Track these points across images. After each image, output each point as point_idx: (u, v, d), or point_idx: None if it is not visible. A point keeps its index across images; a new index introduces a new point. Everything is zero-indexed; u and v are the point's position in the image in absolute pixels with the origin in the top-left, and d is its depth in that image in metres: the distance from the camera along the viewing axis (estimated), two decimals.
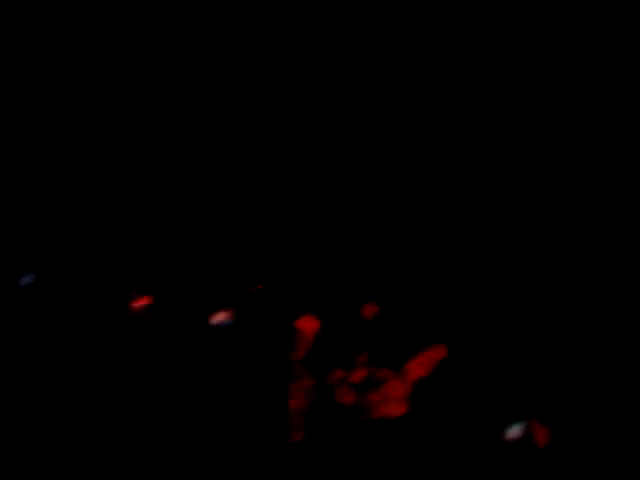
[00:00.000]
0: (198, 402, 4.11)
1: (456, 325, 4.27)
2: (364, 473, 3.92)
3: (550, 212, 4.47)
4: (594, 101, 4.48)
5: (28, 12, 4.79)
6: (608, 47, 4.47)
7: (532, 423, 3.80)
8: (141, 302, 4.31)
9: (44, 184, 4.71)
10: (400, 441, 3.96)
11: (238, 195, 4.66)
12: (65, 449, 4.02)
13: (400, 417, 3.97)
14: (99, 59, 4.80)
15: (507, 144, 4.59)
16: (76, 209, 4.66)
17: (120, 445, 4.01)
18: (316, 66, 4.67)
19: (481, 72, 4.59)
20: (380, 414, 3.98)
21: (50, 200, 4.66)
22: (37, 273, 4.38)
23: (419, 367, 4.01)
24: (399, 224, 4.64)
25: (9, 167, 4.76)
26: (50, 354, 4.30)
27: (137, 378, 4.22)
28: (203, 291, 4.38)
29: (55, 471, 3.98)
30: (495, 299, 4.33)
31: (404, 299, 4.40)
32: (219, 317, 4.23)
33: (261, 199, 4.64)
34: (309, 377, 4.06)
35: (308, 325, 4.17)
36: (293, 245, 4.56)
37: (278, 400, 4.06)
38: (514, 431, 3.75)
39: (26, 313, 4.37)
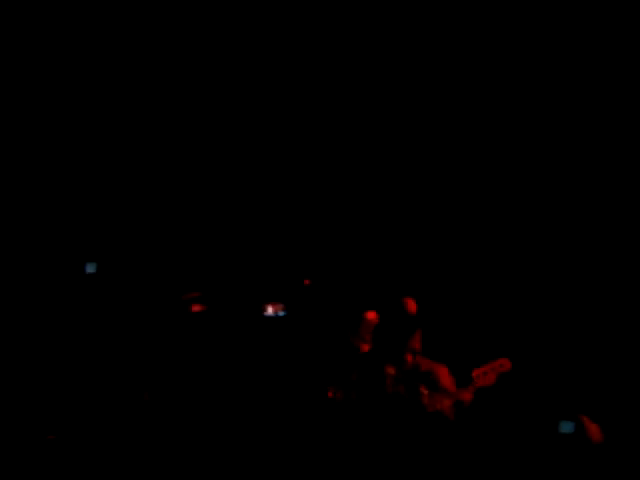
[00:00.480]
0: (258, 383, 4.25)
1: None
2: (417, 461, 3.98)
3: None
4: None
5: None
6: None
7: (584, 419, 3.95)
8: (193, 296, 4.60)
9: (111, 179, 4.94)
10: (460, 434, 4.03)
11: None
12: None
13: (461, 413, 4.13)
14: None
15: None
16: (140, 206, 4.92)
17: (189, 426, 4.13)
18: None
19: None
20: (435, 408, 4.13)
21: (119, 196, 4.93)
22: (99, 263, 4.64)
23: (485, 377, 4.11)
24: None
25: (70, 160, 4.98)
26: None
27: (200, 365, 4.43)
28: (256, 285, 4.69)
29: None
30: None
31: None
32: (272, 309, 4.58)
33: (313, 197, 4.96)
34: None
35: (370, 316, 4.50)
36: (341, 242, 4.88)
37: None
38: (567, 426, 3.91)
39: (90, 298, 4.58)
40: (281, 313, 4.49)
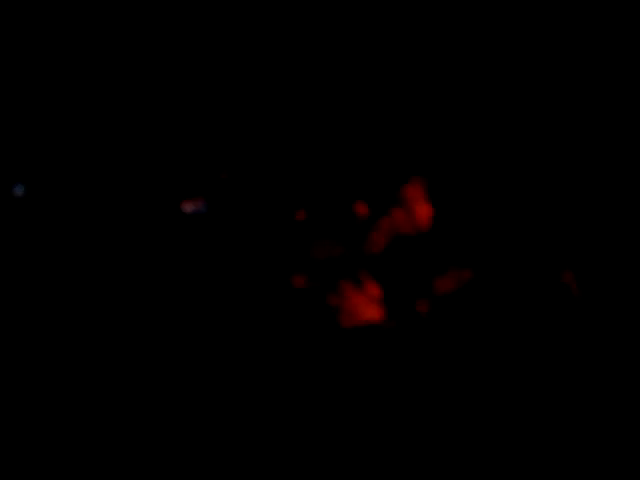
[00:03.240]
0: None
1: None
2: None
3: None
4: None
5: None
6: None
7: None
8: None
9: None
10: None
11: None
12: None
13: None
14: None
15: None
16: None
17: None
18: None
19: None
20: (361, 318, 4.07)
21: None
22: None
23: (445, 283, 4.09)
24: None
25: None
26: None
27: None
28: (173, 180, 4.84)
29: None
30: None
31: None
32: (191, 205, 4.47)
33: None
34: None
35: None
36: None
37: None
38: None
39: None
40: (202, 209, 4.49)
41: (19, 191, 4.69)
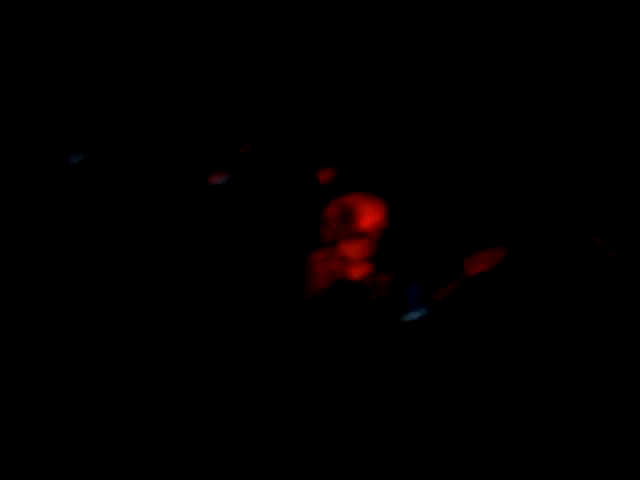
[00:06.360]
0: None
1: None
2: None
3: None
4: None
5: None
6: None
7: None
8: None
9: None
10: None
11: None
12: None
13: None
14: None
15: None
16: None
17: None
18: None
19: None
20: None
21: None
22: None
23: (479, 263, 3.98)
24: None
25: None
26: None
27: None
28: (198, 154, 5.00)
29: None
30: None
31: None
32: (215, 178, 4.87)
33: None
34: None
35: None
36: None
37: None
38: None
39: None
40: (223, 181, 4.83)
41: (76, 159, 5.24)
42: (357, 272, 4.07)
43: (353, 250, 4.09)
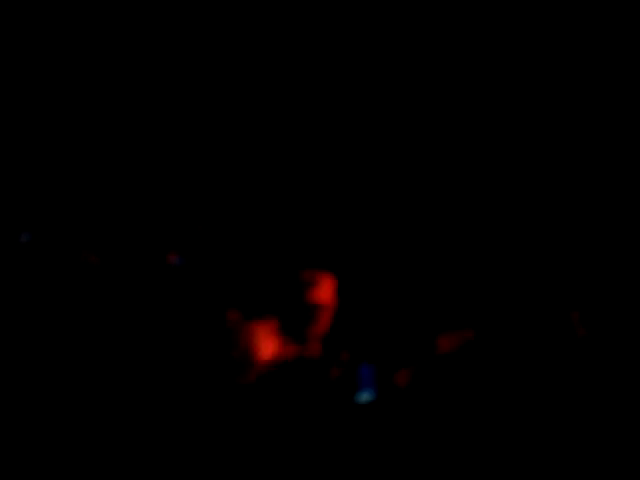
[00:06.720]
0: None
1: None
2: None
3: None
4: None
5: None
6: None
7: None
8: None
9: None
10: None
11: None
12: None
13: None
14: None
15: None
16: None
17: None
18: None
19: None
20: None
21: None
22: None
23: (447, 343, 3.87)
24: None
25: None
26: None
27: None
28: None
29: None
30: None
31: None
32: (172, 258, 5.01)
33: None
34: None
35: None
36: None
37: None
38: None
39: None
40: (178, 261, 4.91)
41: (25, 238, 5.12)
42: (308, 350, 3.89)
43: (301, 327, 3.81)
